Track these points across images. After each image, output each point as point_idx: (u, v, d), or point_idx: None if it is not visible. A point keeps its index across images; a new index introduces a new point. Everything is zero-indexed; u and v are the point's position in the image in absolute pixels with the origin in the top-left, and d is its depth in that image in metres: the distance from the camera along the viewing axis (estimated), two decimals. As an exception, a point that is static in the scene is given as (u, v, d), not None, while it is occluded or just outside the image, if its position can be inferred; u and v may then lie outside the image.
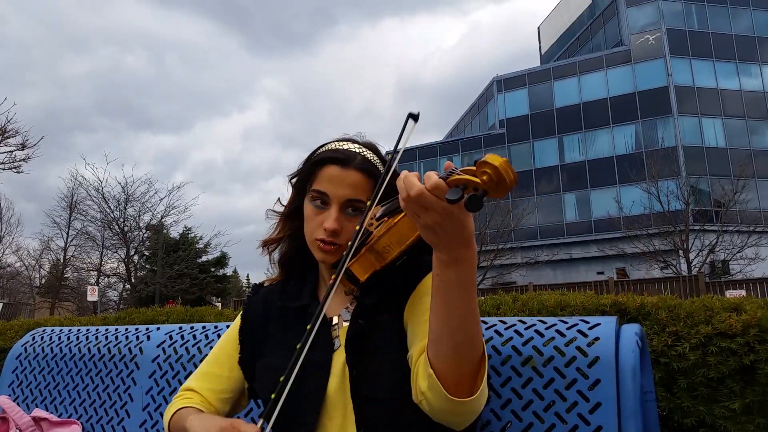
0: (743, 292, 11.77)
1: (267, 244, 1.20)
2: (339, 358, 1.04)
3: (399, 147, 0.95)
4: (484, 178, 0.75)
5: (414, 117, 0.94)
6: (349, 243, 0.95)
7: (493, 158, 0.74)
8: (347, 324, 1.07)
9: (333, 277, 0.95)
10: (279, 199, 1.22)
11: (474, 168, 0.77)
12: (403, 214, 0.92)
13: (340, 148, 1.10)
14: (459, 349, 0.86)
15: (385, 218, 0.99)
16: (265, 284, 1.23)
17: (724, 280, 16.94)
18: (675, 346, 1.65)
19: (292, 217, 1.16)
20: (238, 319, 1.21)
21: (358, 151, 1.10)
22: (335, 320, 1.09)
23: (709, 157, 28.06)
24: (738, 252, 20.40)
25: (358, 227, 0.96)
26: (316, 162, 1.10)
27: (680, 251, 20.06)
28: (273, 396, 0.88)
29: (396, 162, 0.96)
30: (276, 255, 1.21)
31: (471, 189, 0.76)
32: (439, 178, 0.78)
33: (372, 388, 0.98)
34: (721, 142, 28.79)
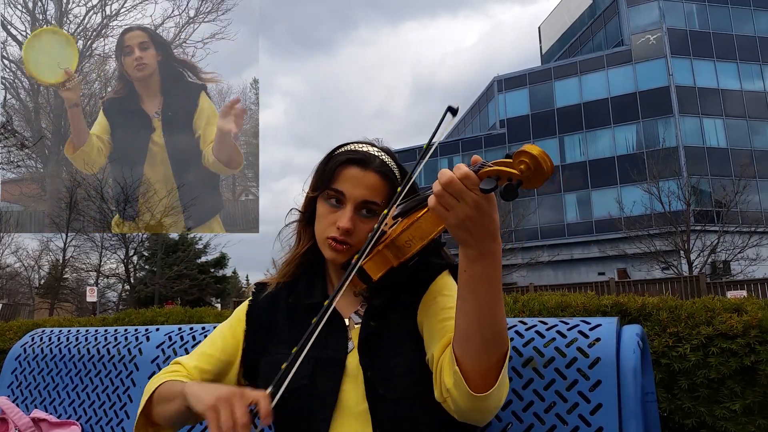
0: (744, 293, 11.75)
1: (291, 262, 1.16)
2: (353, 360, 1.03)
3: (434, 140, 0.93)
4: (522, 167, 0.76)
5: (453, 111, 0.93)
6: (369, 235, 0.95)
7: (531, 148, 0.76)
8: (358, 326, 1.06)
9: (353, 262, 0.94)
10: (294, 209, 1.17)
11: (509, 160, 0.78)
12: (425, 209, 0.90)
13: (360, 149, 1.10)
14: (489, 344, 0.86)
15: (400, 218, 0.98)
16: (269, 286, 1.19)
17: (726, 281, 16.92)
18: (676, 346, 1.65)
19: (311, 222, 1.13)
20: (242, 309, 1.18)
21: (377, 154, 1.10)
22: (347, 322, 1.08)
23: (710, 158, 28.03)
24: (739, 252, 20.36)
25: (376, 225, 0.95)
26: (336, 162, 1.09)
27: (681, 252, 20.02)
28: (284, 366, 0.87)
29: (428, 156, 0.93)
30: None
31: (505, 180, 0.77)
32: (470, 170, 0.79)
33: (387, 388, 0.98)
34: (723, 142, 28.76)
